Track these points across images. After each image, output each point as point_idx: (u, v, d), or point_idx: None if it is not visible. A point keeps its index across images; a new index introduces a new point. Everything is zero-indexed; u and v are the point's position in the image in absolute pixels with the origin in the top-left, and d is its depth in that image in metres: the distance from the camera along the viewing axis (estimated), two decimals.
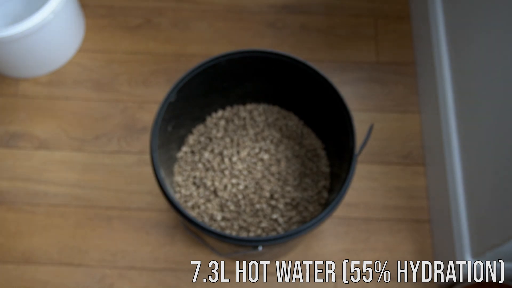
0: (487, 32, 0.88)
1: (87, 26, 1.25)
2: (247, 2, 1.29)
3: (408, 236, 1.04)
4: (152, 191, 1.07)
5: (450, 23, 1.05)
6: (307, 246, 1.03)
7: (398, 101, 1.17)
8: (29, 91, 1.18)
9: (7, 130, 1.14)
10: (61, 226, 1.05)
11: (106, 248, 1.03)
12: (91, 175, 1.09)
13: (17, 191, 1.08)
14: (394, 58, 1.22)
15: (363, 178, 1.09)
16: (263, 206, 0.94)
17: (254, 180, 0.96)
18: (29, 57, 1.14)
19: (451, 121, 0.98)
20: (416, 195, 1.07)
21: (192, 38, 1.25)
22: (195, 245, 1.03)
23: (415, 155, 1.11)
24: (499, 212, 0.79)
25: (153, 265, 1.01)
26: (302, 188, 0.96)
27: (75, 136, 1.13)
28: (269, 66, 0.91)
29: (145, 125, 1.14)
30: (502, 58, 0.81)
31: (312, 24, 1.26)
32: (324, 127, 0.98)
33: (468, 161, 0.91)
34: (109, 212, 1.06)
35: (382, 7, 1.28)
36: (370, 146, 1.11)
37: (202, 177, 0.97)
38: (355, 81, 1.19)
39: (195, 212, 0.95)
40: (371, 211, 1.06)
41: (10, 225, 1.05)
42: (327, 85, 0.86)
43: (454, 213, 0.92)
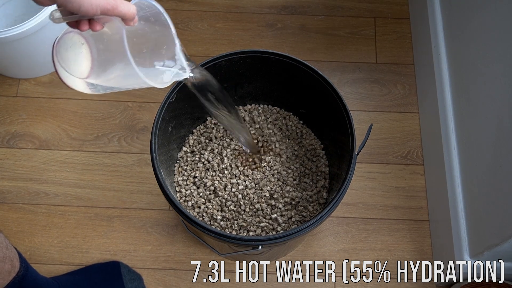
0: (486, 33, 0.89)
1: None
2: (247, 3, 1.29)
3: (407, 235, 1.04)
4: (152, 191, 1.08)
5: (448, 24, 1.05)
6: (307, 246, 1.03)
7: (397, 101, 1.17)
8: (30, 91, 1.18)
9: (8, 130, 1.14)
10: (61, 226, 1.05)
11: (106, 247, 1.03)
12: (91, 175, 1.09)
13: (18, 191, 1.08)
14: (393, 58, 1.22)
15: (362, 178, 1.09)
16: (263, 205, 0.94)
17: (254, 180, 0.97)
18: (30, 58, 1.14)
19: (450, 121, 0.98)
20: (415, 194, 1.08)
21: (192, 39, 1.25)
22: (195, 245, 1.03)
23: (414, 155, 1.11)
24: (497, 212, 0.79)
25: (153, 265, 1.02)
26: (302, 187, 0.97)
27: (75, 136, 1.13)
28: (269, 66, 0.91)
29: (145, 125, 1.15)
30: (501, 58, 0.82)
31: (312, 24, 1.27)
32: (323, 127, 0.99)
33: (466, 161, 0.92)
34: (109, 212, 1.06)
35: (382, 8, 1.28)
36: (369, 146, 1.12)
37: (202, 177, 0.97)
38: (354, 81, 1.20)
39: (195, 211, 0.95)
40: (370, 210, 1.06)
41: (11, 225, 1.05)
42: (327, 85, 0.86)
43: (453, 213, 0.92)
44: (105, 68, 0.60)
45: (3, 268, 0.74)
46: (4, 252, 0.74)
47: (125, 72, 0.58)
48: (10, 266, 0.76)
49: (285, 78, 0.93)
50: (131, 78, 0.58)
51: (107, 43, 0.59)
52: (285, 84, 0.95)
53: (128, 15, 0.55)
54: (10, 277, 0.76)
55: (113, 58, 0.59)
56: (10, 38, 1.03)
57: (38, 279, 0.86)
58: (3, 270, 0.74)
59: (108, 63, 0.60)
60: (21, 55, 1.12)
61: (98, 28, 0.56)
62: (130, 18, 0.56)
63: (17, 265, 0.78)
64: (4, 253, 0.74)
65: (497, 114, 0.81)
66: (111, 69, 0.60)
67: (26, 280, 0.81)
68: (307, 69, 0.87)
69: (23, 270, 0.80)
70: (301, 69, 0.88)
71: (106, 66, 0.60)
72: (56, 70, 0.61)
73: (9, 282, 0.76)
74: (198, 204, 0.95)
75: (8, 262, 0.75)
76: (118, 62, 0.58)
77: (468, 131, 0.92)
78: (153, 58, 0.66)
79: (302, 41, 1.24)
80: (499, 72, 0.81)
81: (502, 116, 0.80)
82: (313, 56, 1.22)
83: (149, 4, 0.61)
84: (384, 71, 1.21)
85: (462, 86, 0.96)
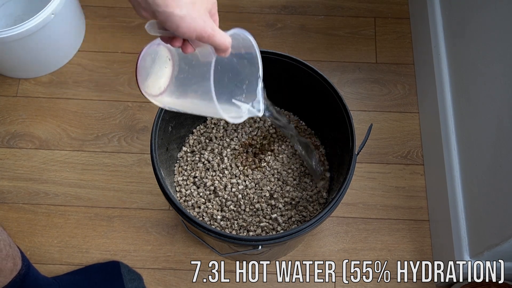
0: (486, 33, 0.89)
1: (88, 27, 1.26)
2: (247, 3, 1.29)
3: (407, 235, 1.04)
4: (152, 191, 1.08)
5: (448, 24, 1.05)
6: (307, 246, 1.03)
7: (397, 101, 1.17)
8: (30, 91, 1.18)
9: (8, 130, 1.14)
10: (61, 226, 1.05)
11: (106, 247, 1.03)
12: (91, 175, 1.09)
13: (18, 191, 1.08)
14: (393, 58, 1.22)
15: (362, 178, 1.09)
16: (263, 205, 0.94)
17: (254, 179, 0.97)
18: (30, 57, 1.14)
19: (450, 121, 0.98)
20: (415, 194, 1.08)
21: None
22: (195, 245, 1.03)
23: (414, 155, 1.11)
24: (497, 212, 0.79)
25: (153, 265, 1.02)
26: (302, 187, 0.97)
27: (75, 136, 1.14)
28: (269, 66, 0.91)
29: (145, 125, 1.15)
30: (501, 58, 0.82)
31: (312, 24, 1.27)
32: (323, 127, 0.99)
33: (466, 161, 0.92)
34: (109, 212, 1.06)
35: (382, 8, 1.28)
36: (369, 146, 1.12)
37: (202, 177, 0.97)
38: (354, 81, 1.20)
39: (195, 211, 0.95)
40: (370, 210, 1.06)
41: (11, 225, 1.05)
42: (327, 85, 0.86)
43: (453, 213, 0.92)
44: (182, 89, 0.59)
45: (6, 266, 0.74)
46: (7, 250, 0.74)
47: (201, 99, 0.57)
48: (12, 264, 0.76)
49: (285, 78, 0.93)
50: (205, 106, 0.57)
51: (192, 65, 0.58)
52: (285, 84, 0.95)
53: (222, 47, 0.54)
54: (12, 275, 0.76)
55: (194, 81, 0.58)
56: (10, 38, 1.03)
57: (39, 278, 0.87)
58: (6, 268, 0.74)
59: (187, 85, 0.59)
60: (21, 55, 1.12)
61: (189, 51, 0.55)
62: (223, 50, 0.55)
63: (19, 263, 0.78)
64: (7, 251, 0.74)
65: (497, 114, 0.81)
66: (188, 91, 0.59)
67: (28, 279, 0.81)
68: (307, 69, 0.87)
69: (25, 269, 0.80)
70: (301, 69, 0.88)
71: (184, 88, 0.59)
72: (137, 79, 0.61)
73: (11, 280, 0.77)
74: (198, 204, 0.95)
75: (11, 260, 0.75)
76: (197, 87, 0.57)
77: (468, 131, 0.92)
78: (233, 90, 0.65)
79: (302, 41, 1.24)
80: (499, 72, 0.81)
81: (502, 116, 0.80)
82: (313, 56, 1.23)
83: (244, 37, 0.60)
84: (384, 71, 1.21)
85: (462, 86, 0.96)
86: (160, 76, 0.60)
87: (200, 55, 0.57)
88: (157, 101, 0.62)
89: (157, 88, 0.60)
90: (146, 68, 0.61)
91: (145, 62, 0.61)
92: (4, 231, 0.76)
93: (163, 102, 0.62)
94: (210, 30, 0.53)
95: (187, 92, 0.59)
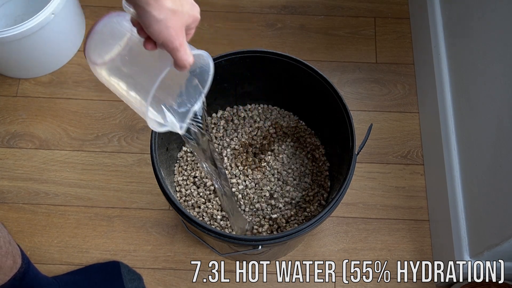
0: (486, 33, 0.89)
1: (88, 27, 1.26)
2: (247, 3, 1.29)
3: (407, 235, 1.04)
4: (152, 191, 1.08)
5: (448, 24, 1.05)
6: (307, 246, 1.03)
7: (397, 101, 1.17)
8: (30, 91, 1.18)
9: (8, 130, 1.14)
10: (61, 226, 1.05)
11: (106, 247, 1.03)
12: (91, 175, 1.09)
13: (18, 191, 1.08)
14: (393, 58, 1.22)
15: (362, 178, 1.09)
16: (263, 205, 0.94)
17: (254, 179, 0.97)
18: (30, 57, 1.14)
19: (450, 121, 0.98)
20: (415, 194, 1.08)
21: (192, 38, 1.24)
22: (195, 245, 1.03)
23: (414, 155, 1.11)
24: (497, 212, 0.79)
25: (153, 265, 1.02)
26: (302, 187, 0.97)
27: (75, 136, 1.13)
28: (269, 66, 0.91)
29: (145, 125, 1.15)
30: (501, 58, 0.82)
31: (312, 24, 1.27)
32: (323, 127, 0.99)
33: (466, 161, 0.92)
34: (109, 212, 1.06)
35: (382, 8, 1.28)
36: (369, 146, 1.12)
37: (202, 176, 0.97)
38: (354, 81, 1.20)
39: (195, 211, 0.95)
40: (370, 210, 1.06)
41: (11, 225, 1.05)
42: (327, 85, 0.86)
43: (453, 213, 0.92)
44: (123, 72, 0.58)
45: (5, 264, 0.74)
46: (7, 247, 0.74)
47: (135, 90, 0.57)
48: (12, 261, 0.76)
49: (285, 78, 0.93)
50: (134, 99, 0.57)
51: (146, 55, 0.57)
52: (285, 84, 0.95)
53: (181, 64, 0.54)
54: (12, 273, 0.77)
55: (138, 71, 0.57)
56: (10, 38, 1.03)
57: (39, 276, 0.87)
58: (5, 265, 0.74)
59: (129, 70, 0.58)
60: (21, 55, 1.12)
61: (149, 48, 0.55)
62: (181, 67, 0.54)
63: (19, 261, 0.78)
64: (7, 248, 0.74)
65: (497, 114, 0.81)
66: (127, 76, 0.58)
67: (27, 277, 0.81)
68: (307, 69, 0.87)
69: (25, 267, 0.80)
70: (301, 69, 0.88)
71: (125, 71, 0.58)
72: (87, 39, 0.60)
73: (10, 277, 0.77)
74: (198, 204, 0.95)
75: (11, 257, 0.75)
76: (138, 78, 0.57)
77: (468, 131, 0.92)
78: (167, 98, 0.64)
79: (302, 41, 1.24)
80: (499, 72, 0.81)
81: (502, 116, 0.80)
82: (313, 56, 1.22)
83: (205, 62, 0.59)
84: (384, 71, 1.21)
85: (462, 86, 0.96)
86: (109, 48, 0.59)
87: (158, 55, 0.56)
88: (95, 69, 0.60)
89: (100, 57, 0.59)
90: (101, 34, 0.60)
91: (104, 27, 0.60)
92: (4, 228, 0.76)
93: (100, 74, 0.60)
94: (177, 44, 0.53)
95: (126, 77, 0.58)
